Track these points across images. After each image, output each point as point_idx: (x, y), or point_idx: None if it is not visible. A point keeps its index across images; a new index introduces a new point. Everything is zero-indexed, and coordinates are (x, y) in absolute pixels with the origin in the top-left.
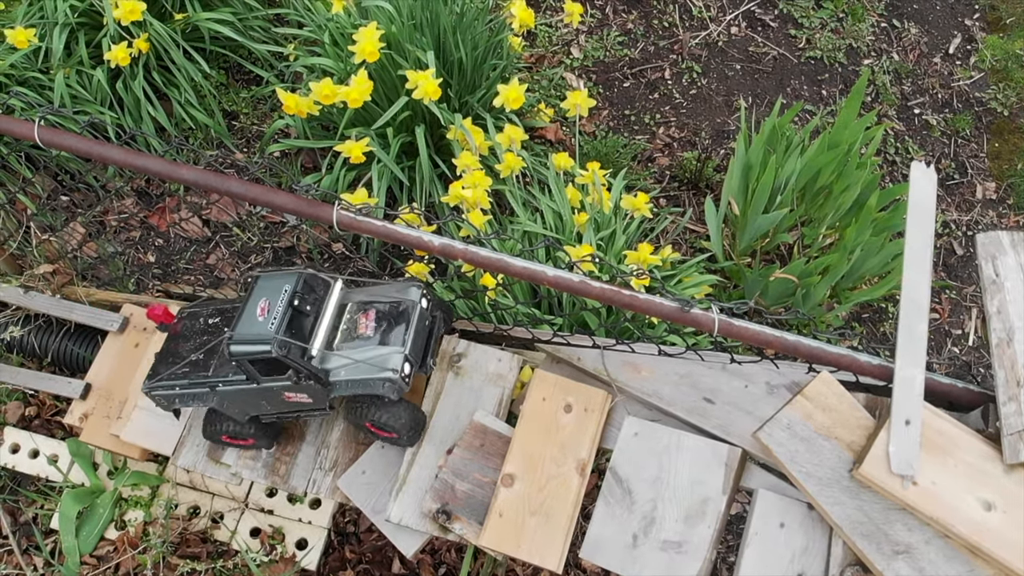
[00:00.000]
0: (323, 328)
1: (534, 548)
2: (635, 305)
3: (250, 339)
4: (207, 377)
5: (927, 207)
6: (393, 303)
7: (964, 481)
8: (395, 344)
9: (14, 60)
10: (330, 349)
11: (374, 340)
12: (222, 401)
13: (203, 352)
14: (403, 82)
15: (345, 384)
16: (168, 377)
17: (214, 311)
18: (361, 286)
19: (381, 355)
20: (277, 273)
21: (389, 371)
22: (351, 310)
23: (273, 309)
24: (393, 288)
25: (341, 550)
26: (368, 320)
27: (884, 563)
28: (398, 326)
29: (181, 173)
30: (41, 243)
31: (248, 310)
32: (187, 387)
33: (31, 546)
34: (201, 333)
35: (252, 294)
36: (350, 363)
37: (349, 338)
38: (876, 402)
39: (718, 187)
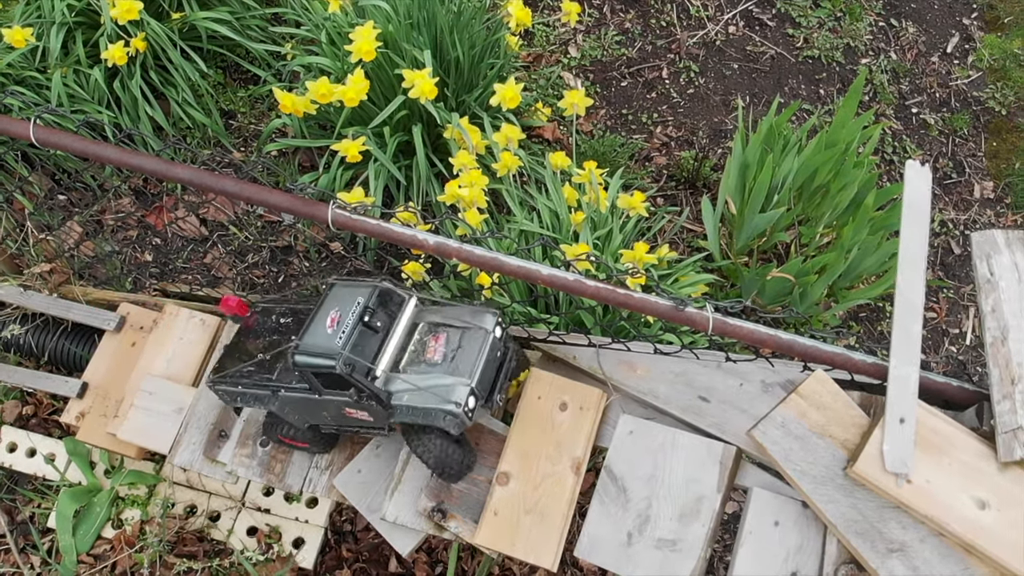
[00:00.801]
0: (391, 348)
1: (529, 547)
2: (630, 304)
3: (316, 351)
4: (270, 380)
5: (922, 206)
6: (465, 328)
7: (958, 479)
8: (462, 374)
9: (11, 59)
10: (396, 370)
11: (441, 367)
12: (283, 406)
13: (270, 353)
14: (400, 81)
15: (406, 410)
16: (233, 374)
17: (287, 310)
18: (437, 304)
19: (446, 385)
20: (353, 282)
21: (452, 404)
22: (422, 331)
23: (343, 322)
24: (468, 312)
25: (338, 549)
26: (438, 344)
27: (878, 561)
28: (468, 354)
29: (176, 172)
30: (38, 242)
31: (318, 319)
32: (250, 387)
33: (28, 545)
34: (271, 332)
35: (324, 302)
36: (414, 389)
37: (416, 361)
38: (871, 400)
39: (715, 186)
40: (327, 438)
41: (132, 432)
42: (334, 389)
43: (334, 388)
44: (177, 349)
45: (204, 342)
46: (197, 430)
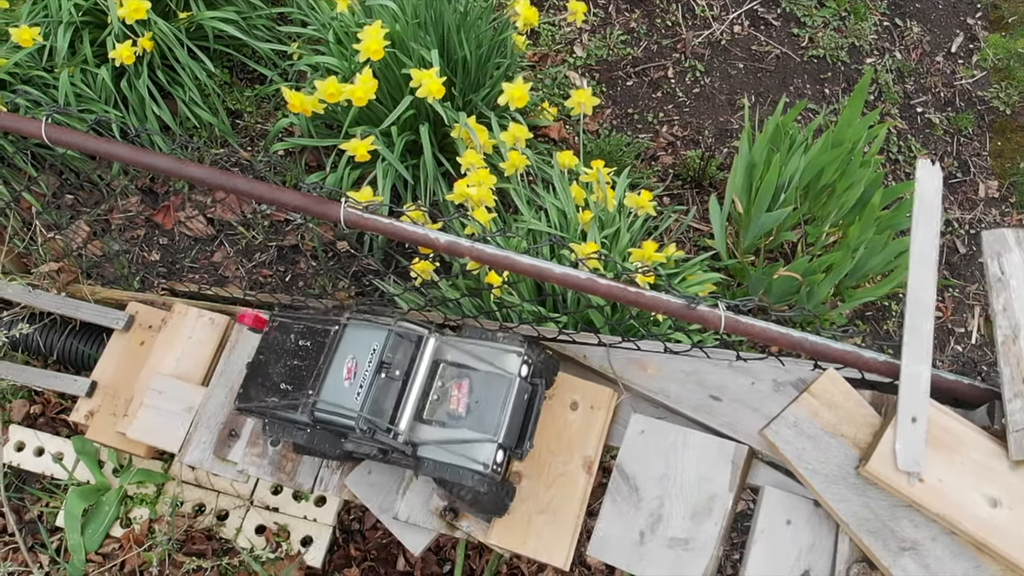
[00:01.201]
0: (413, 397)
1: (541, 546)
2: (641, 302)
3: (334, 409)
4: (296, 418)
5: (933, 205)
6: (488, 374)
7: (970, 478)
8: (488, 429)
9: (18, 59)
10: (420, 418)
11: (466, 421)
12: (310, 440)
13: (292, 382)
14: (407, 81)
15: (433, 465)
16: (259, 406)
17: (305, 329)
18: (458, 337)
19: (472, 441)
20: (366, 323)
21: (480, 464)
22: (443, 374)
23: (360, 373)
24: (491, 348)
25: (346, 547)
26: (461, 393)
27: (890, 559)
28: (493, 405)
29: (189, 171)
30: (46, 241)
31: (334, 367)
32: (276, 420)
33: (37, 544)
34: (291, 355)
35: (339, 345)
36: (440, 443)
37: (440, 410)
38: (882, 399)
39: (721, 185)
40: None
41: (142, 431)
42: (357, 439)
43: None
44: (186, 348)
45: (213, 341)
46: (207, 429)
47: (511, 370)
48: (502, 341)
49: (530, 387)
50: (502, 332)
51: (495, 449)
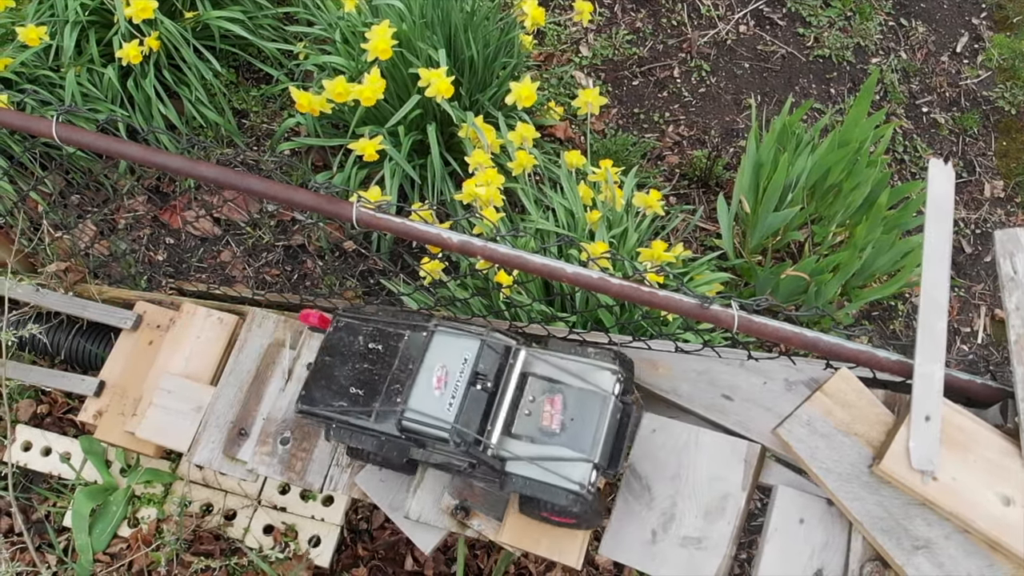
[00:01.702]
0: (503, 411)
1: (553, 544)
2: (654, 302)
3: (425, 420)
4: (369, 425)
5: (945, 204)
6: (582, 391)
7: (983, 476)
8: (583, 447)
9: (25, 58)
10: (508, 433)
11: (560, 438)
12: (381, 447)
13: (363, 387)
14: (414, 80)
15: (522, 482)
16: (325, 411)
17: (376, 332)
18: (546, 349)
19: (567, 459)
20: (456, 331)
21: (575, 484)
22: (533, 388)
23: (451, 383)
24: (582, 364)
25: (354, 547)
26: (554, 409)
27: (904, 558)
28: (588, 423)
29: (201, 171)
30: (54, 241)
31: (423, 376)
32: (345, 424)
33: (44, 544)
34: (360, 358)
35: (427, 353)
36: (531, 460)
37: (531, 426)
38: (894, 398)
39: (728, 185)
40: (415, 466)
41: (151, 430)
42: (443, 450)
43: (443, 449)
44: (195, 348)
45: (222, 340)
46: (216, 428)
47: (605, 388)
48: (594, 357)
49: (622, 405)
50: (593, 348)
51: (591, 469)
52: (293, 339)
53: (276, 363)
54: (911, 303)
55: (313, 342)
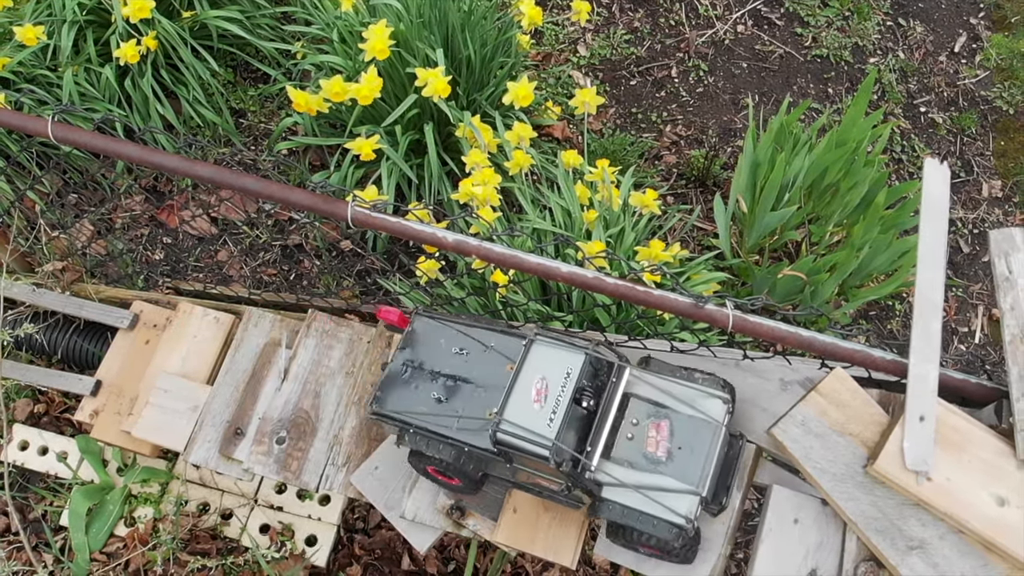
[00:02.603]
0: (604, 432)
1: (548, 544)
2: (649, 301)
3: (522, 435)
4: (450, 434)
5: (941, 204)
6: (692, 419)
7: (978, 477)
8: (690, 479)
9: (23, 57)
10: (607, 456)
11: (665, 467)
12: (459, 458)
13: (446, 393)
14: (411, 80)
15: (619, 510)
16: (403, 416)
17: (458, 335)
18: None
19: (673, 491)
20: (557, 342)
21: (680, 517)
22: (637, 410)
23: (551, 397)
24: (690, 389)
25: (350, 546)
26: (660, 436)
27: (898, 558)
28: (697, 454)
29: (197, 170)
30: (51, 240)
31: (520, 386)
32: (423, 431)
33: (41, 543)
34: (442, 361)
35: (525, 363)
36: (633, 488)
37: (634, 451)
38: (889, 398)
39: (725, 185)
40: (482, 481)
41: (147, 430)
42: (533, 467)
43: (534, 465)
44: (192, 347)
45: (218, 340)
46: (212, 428)
47: (715, 417)
48: (702, 383)
49: (730, 437)
50: (700, 373)
51: (697, 502)
52: (289, 338)
53: (272, 363)
54: (908, 303)
55: (309, 341)
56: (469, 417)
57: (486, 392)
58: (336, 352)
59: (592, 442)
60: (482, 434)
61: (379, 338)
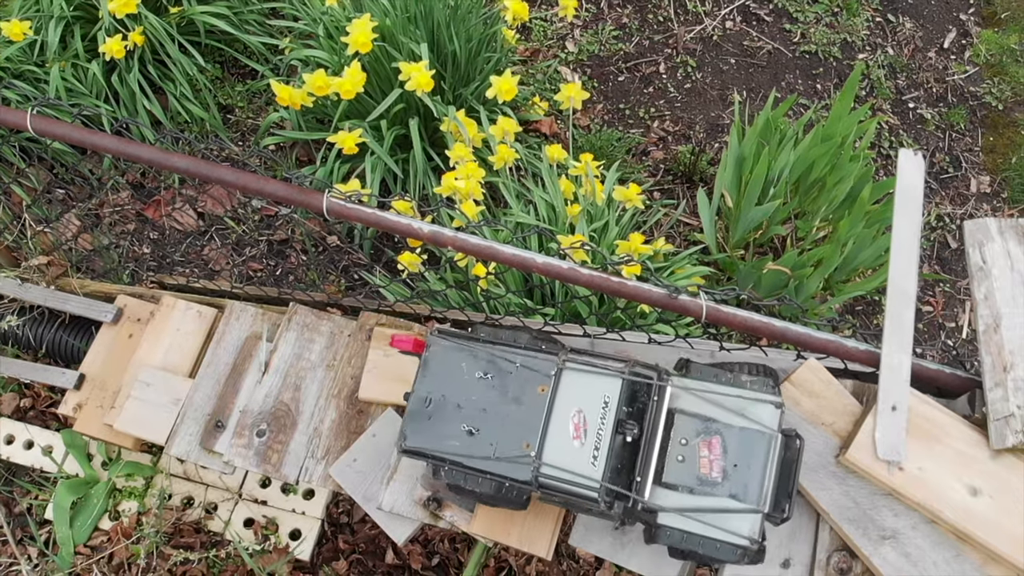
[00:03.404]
0: (653, 459)
1: (524, 535)
2: (624, 292)
3: (566, 478)
4: (488, 468)
5: (915, 195)
6: (744, 431)
7: (951, 467)
8: (750, 497)
9: (10, 53)
10: (658, 482)
11: (723, 487)
12: (500, 488)
13: (477, 425)
14: (397, 75)
15: (679, 535)
16: (436, 451)
17: (481, 357)
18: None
19: (733, 512)
20: (589, 368)
21: (743, 538)
22: (684, 428)
23: (591, 432)
24: (738, 397)
25: (335, 541)
26: (712, 455)
27: (871, 548)
28: (754, 469)
29: (173, 161)
30: (36, 235)
31: (556, 422)
32: (460, 467)
33: (26, 536)
34: (467, 389)
35: (557, 395)
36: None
37: (687, 475)
38: (863, 389)
39: (712, 180)
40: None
41: (129, 423)
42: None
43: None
44: (174, 340)
45: (201, 333)
46: (194, 420)
47: (769, 425)
48: (750, 387)
49: (785, 439)
50: (747, 375)
51: (760, 520)
52: (271, 332)
53: (254, 356)
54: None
55: (290, 334)
56: (505, 453)
57: (519, 420)
58: (317, 345)
59: (642, 471)
60: (522, 467)
61: (360, 331)
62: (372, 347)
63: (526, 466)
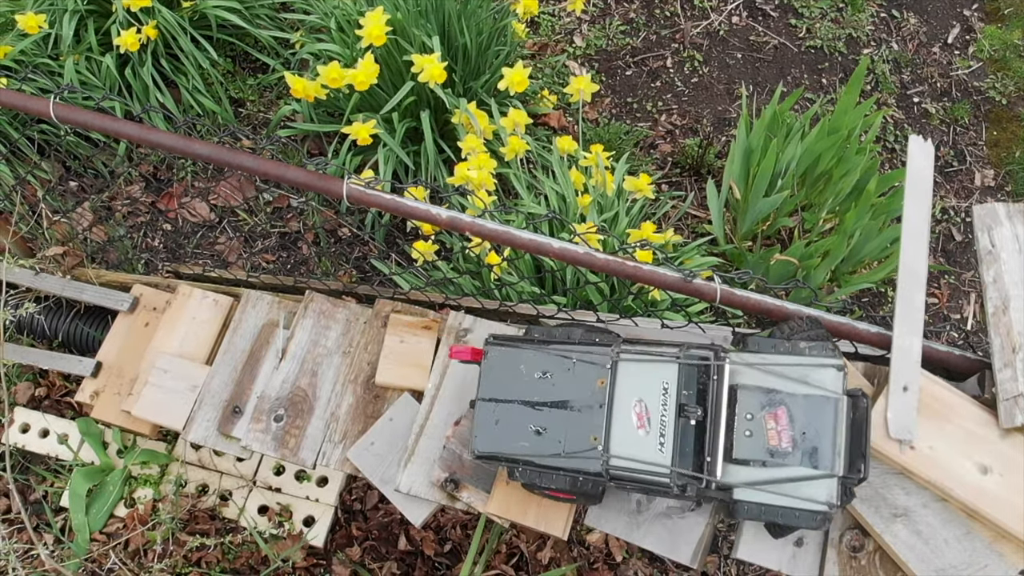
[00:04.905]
0: (721, 437)
1: (541, 515)
2: (639, 276)
3: (635, 467)
4: (560, 464)
5: (925, 180)
6: (808, 398)
7: (961, 446)
8: (823, 463)
9: (24, 46)
10: (729, 459)
11: (794, 457)
12: (575, 483)
13: (543, 424)
14: (408, 68)
15: (757, 509)
16: (507, 454)
17: (537, 358)
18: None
19: (808, 479)
20: (643, 356)
21: (822, 504)
22: (748, 403)
23: (655, 419)
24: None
25: (348, 527)
26: (779, 425)
27: (883, 526)
28: (824, 434)
29: (195, 148)
30: (52, 225)
31: (618, 413)
32: (532, 466)
33: (42, 524)
34: (528, 390)
35: (616, 387)
36: (764, 485)
37: (756, 448)
38: (874, 371)
39: (719, 173)
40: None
41: (146, 409)
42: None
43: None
44: (190, 328)
45: (217, 321)
46: (211, 407)
47: (832, 389)
48: (809, 353)
49: (851, 401)
50: (805, 341)
51: (836, 485)
52: (287, 319)
53: (270, 343)
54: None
55: (307, 321)
56: (574, 447)
57: (583, 415)
58: (333, 332)
59: (711, 451)
60: (592, 460)
61: (375, 318)
62: (388, 333)
63: (595, 459)
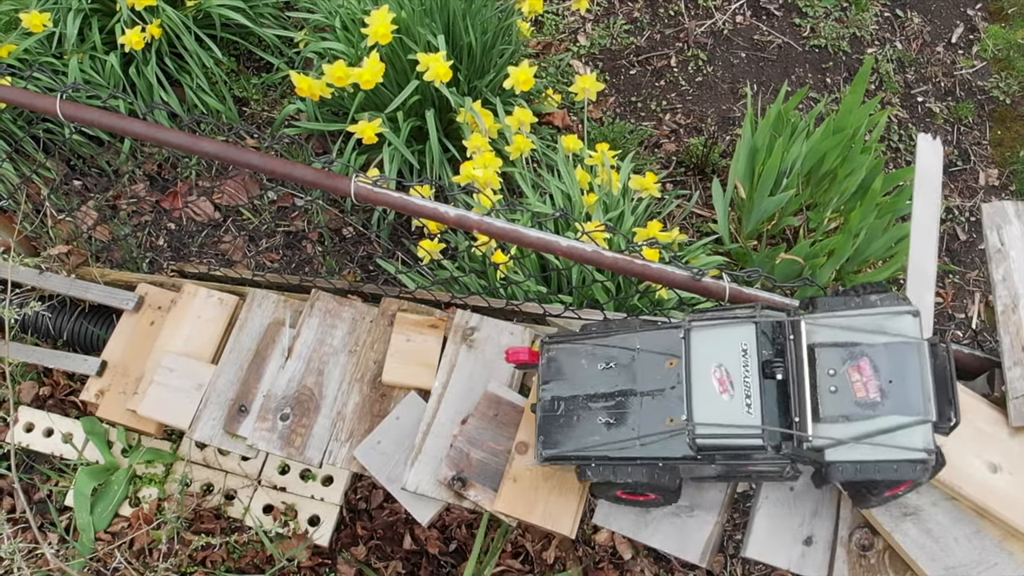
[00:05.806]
0: (806, 395)
1: (548, 513)
2: (647, 274)
3: (724, 432)
4: (635, 454)
5: (934, 178)
6: (889, 346)
7: (971, 444)
8: (915, 408)
9: (28, 45)
10: (816, 418)
11: (885, 406)
12: (653, 473)
13: (613, 415)
14: (413, 67)
15: (852, 468)
16: (577, 451)
17: (597, 350)
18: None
19: (902, 427)
20: (717, 321)
21: (920, 451)
22: (828, 359)
23: (738, 382)
24: (873, 316)
25: (353, 527)
26: (864, 376)
27: (892, 525)
28: (910, 379)
29: (202, 146)
30: (56, 224)
31: (697, 381)
32: (606, 460)
33: (47, 523)
34: (593, 383)
35: (691, 356)
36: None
37: (844, 403)
38: None
39: (724, 172)
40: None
41: (152, 408)
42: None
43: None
44: (196, 327)
45: (222, 320)
46: (217, 405)
47: (912, 334)
48: (881, 304)
49: (931, 346)
50: (875, 295)
51: (930, 429)
52: (293, 318)
53: (276, 342)
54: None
55: (312, 320)
56: (650, 432)
57: (655, 399)
58: (339, 331)
59: (798, 411)
60: (672, 443)
61: (382, 317)
62: (395, 332)
63: (679, 438)
